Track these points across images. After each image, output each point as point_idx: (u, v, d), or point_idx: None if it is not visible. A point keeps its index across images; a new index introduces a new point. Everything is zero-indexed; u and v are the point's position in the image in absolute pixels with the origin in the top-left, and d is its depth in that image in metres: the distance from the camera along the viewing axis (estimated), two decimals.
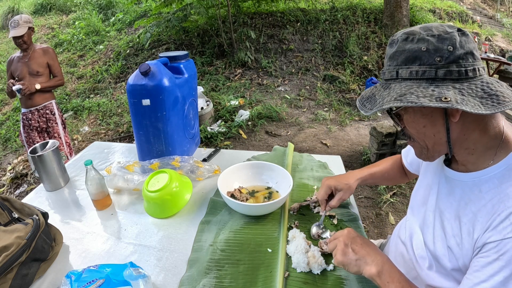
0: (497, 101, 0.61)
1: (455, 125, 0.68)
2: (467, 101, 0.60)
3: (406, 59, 0.67)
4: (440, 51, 0.63)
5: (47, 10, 8.37)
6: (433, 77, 0.64)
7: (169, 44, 5.97)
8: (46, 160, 1.28)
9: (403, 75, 0.67)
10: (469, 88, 0.63)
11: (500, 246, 0.62)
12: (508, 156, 0.68)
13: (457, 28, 0.66)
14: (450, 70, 0.63)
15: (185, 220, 1.15)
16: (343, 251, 0.78)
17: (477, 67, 0.64)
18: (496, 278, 0.61)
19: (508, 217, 0.62)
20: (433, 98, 0.61)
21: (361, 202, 2.77)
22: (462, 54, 0.63)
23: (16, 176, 3.54)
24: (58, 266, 0.97)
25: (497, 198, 0.66)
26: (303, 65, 5.50)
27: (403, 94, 0.64)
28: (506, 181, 0.66)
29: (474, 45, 0.65)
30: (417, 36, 0.66)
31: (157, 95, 1.24)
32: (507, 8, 9.54)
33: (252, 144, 3.77)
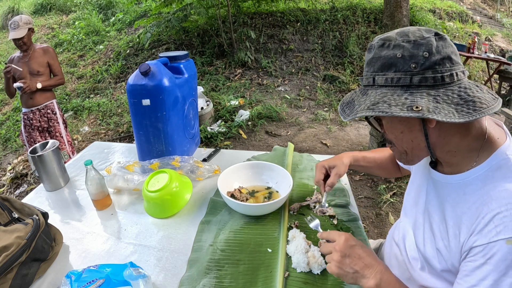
0: (473, 107, 0.60)
1: (433, 130, 0.67)
2: (440, 109, 0.60)
3: (382, 65, 0.66)
4: (415, 58, 0.63)
5: (47, 10, 8.37)
6: (408, 84, 0.63)
7: (169, 44, 5.97)
8: (46, 160, 1.28)
9: (379, 82, 0.66)
10: (445, 94, 0.62)
11: (487, 250, 0.61)
12: (490, 157, 0.67)
13: (434, 32, 0.65)
14: (426, 77, 0.62)
15: (185, 220, 1.15)
16: (339, 263, 0.73)
17: (455, 72, 0.63)
18: (485, 282, 0.61)
19: (492, 220, 0.62)
20: (404, 107, 0.60)
21: (361, 202, 2.77)
22: (438, 60, 0.62)
23: (16, 176, 3.54)
24: (58, 266, 0.97)
25: (480, 200, 0.66)
26: (303, 65, 5.50)
27: (376, 102, 0.64)
28: (489, 183, 0.66)
29: (453, 49, 0.64)
30: (393, 42, 0.65)
31: (157, 95, 1.24)
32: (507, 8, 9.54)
33: (252, 144, 3.77)
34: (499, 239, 0.60)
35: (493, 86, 5.23)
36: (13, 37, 2.53)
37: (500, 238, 0.60)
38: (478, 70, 5.92)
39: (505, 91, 5.30)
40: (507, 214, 0.61)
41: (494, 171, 0.66)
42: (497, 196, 0.63)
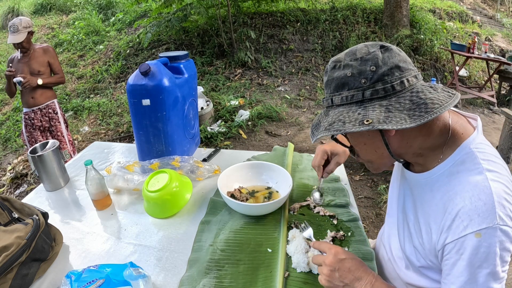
0: (425, 109, 0.62)
1: (394, 138, 0.70)
2: (392, 117, 0.62)
3: (336, 86, 0.69)
4: (363, 73, 0.65)
5: (47, 10, 8.37)
6: (361, 99, 0.66)
7: (169, 44, 5.97)
8: (46, 160, 1.28)
9: (336, 101, 0.70)
10: (397, 102, 0.64)
11: (458, 245, 0.63)
12: (454, 152, 0.68)
13: (379, 45, 0.67)
14: (376, 89, 0.65)
15: (185, 220, 1.15)
16: (328, 277, 0.74)
17: (406, 79, 0.65)
18: (461, 279, 0.62)
19: (458, 215, 0.63)
20: (357, 122, 0.63)
21: (361, 202, 2.77)
22: (386, 71, 0.65)
23: (16, 176, 3.54)
24: (58, 266, 0.97)
25: (446, 196, 0.67)
26: (303, 65, 5.50)
27: (332, 122, 0.67)
28: (454, 178, 0.67)
29: (400, 57, 0.66)
30: (342, 62, 0.69)
31: (157, 95, 1.24)
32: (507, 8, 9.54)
33: (252, 144, 3.77)
34: (467, 233, 0.61)
35: (493, 86, 5.23)
36: (12, 41, 2.52)
37: (468, 233, 0.61)
38: (478, 70, 5.92)
39: (505, 91, 5.30)
40: (471, 207, 0.62)
41: (458, 166, 0.67)
42: (461, 190, 0.65)
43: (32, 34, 2.65)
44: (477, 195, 0.62)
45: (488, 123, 4.47)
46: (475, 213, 0.61)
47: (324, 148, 1.09)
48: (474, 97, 4.90)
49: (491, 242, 0.60)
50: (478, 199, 0.62)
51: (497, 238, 0.60)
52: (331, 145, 1.09)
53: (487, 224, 0.60)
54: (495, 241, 0.60)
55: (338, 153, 1.08)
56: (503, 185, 0.63)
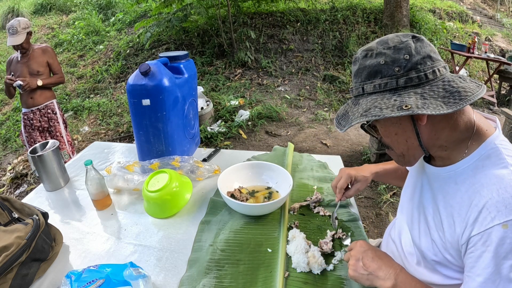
0: (459, 97, 0.63)
1: (424, 128, 0.71)
2: (429, 104, 0.63)
3: (368, 74, 0.70)
4: (397, 61, 0.67)
5: (47, 10, 8.37)
6: (395, 87, 0.67)
7: (169, 44, 5.97)
8: (46, 160, 1.28)
9: (368, 90, 0.70)
10: (431, 90, 0.66)
11: (485, 237, 0.63)
12: (480, 147, 0.70)
13: (411, 35, 0.69)
14: (410, 77, 0.66)
15: (185, 220, 1.15)
16: (354, 266, 0.78)
17: (437, 68, 0.67)
18: (488, 270, 0.62)
19: (485, 207, 0.64)
20: (395, 108, 0.64)
21: (361, 202, 2.77)
22: (419, 60, 0.66)
23: (16, 176, 3.54)
24: (58, 266, 0.97)
25: (472, 189, 0.68)
26: (303, 65, 5.50)
27: (368, 108, 0.68)
28: (480, 172, 0.68)
29: (431, 48, 0.68)
30: (375, 51, 0.70)
31: (157, 95, 1.24)
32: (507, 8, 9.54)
33: (252, 144, 3.77)
34: (494, 224, 0.62)
35: (493, 86, 5.23)
36: (12, 43, 2.52)
37: (495, 224, 0.62)
38: (478, 70, 5.92)
39: (505, 91, 5.30)
40: (499, 199, 0.62)
41: (484, 160, 0.68)
42: (487, 182, 0.65)
43: (31, 34, 2.65)
44: (504, 188, 0.63)
45: None
46: (503, 204, 0.62)
47: (350, 172, 1.08)
48: None
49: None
50: (505, 191, 0.62)
51: None
52: (356, 171, 1.09)
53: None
54: None
55: (361, 181, 1.08)
56: None
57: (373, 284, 0.76)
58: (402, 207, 0.94)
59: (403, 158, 0.78)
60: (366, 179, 1.08)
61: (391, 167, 1.14)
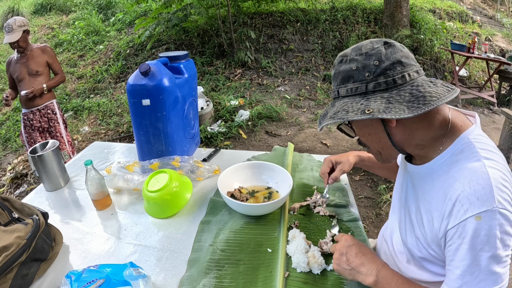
0: (423, 102, 0.66)
1: (396, 129, 0.73)
2: (392, 108, 0.66)
3: (342, 79, 0.74)
4: (367, 67, 0.70)
5: (47, 10, 8.36)
6: (364, 92, 0.71)
7: (169, 44, 5.97)
8: (46, 160, 1.28)
9: (342, 93, 0.75)
10: (398, 94, 0.68)
11: (460, 230, 0.64)
12: (454, 142, 0.72)
13: (383, 42, 0.72)
14: (379, 82, 0.70)
15: (185, 220, 1.15)
16: (337, 260, 0.81)
17: (407, 73, 0.69)
18: (465, 262, 0.64)
19: (457, 200, 0.65)
20: (359, 112, 0.68)
21: (361, 202, 2.77)
22: (388, 65, 0.69)
23: (16, 176, 3.54)
24: (58, 266, 0.97)
25: (446, 183, 0.70)
26: (303, 65, 5.49)
27: (337, 111, 0.72)
28: (454, 166, 0.70)
29: (402, 53, 0.71)
30: (349, 57, 0.74)
31: (157, 95, 1.24)
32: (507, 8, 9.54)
33: (252, 144, 3.77)
34: (467, 217, 0.63)
35: (493, 86, 5.23)
36: (8, 41, 2.52)
37: (468, 216, 0.63)
38: (478, 70, 5.92)
39: (505, 91, 5.30)
40: (470, 192, 0.64)
41: (458, 155, 0.71)
42: (460, 176, 0.67)
43: (28, 33, 2.64)
44: (475, 180, 0.65)
45: (488, 123, 4.47)
46: (474, 196, 0.63)
47: (330, 158, 1.17)
48: (474, 97, 4.90)
49: (491, 225, 0.61)
50: (477, 183, 0.64)
51: (497, 221, 0.61)
52: (336, 156, 1.17)
53: (487, 207, 0.62)
54: (495, 223, 0.61)
55: (342, 161, 1.15)
56: (500, 172, 0.66)
57: (355, 279, 0.78)
58: (393, 207, 0.96)
59: (380, 156, 0.82)
60: (347, 160, 1.15)
61: None
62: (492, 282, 0.62)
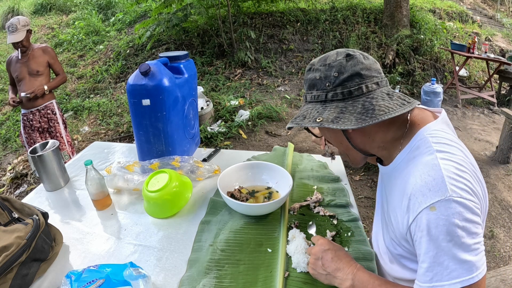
0: (370, 115, 0.69)
1: (355, 133, 0.78)
2: (341, 118, 0.70)
3: (309, 86, 0.79)
4: (328, 78, 0.75)
5: (47, 10, 8.36)
6: (324, 100, 0.76)
7: (169, 44, 5.97)
8: (46, 160, 1.28)
9: (308, 99, 0.80)
10: (352, 105, 0.72)
11: (418, 223, 0.65)
12: (411, 140, 0.74)
13: (345, 54, 0.75)
14: (336, 93, 0.74)
15: (185, 220, 1.15)
16: (313, 265, 0.82)
17: (364, 85, 0.73)
18: (430, 254, 0.63)
19: (412, 193, 0.67)
20: (312, 119, 0.73)
21: (361, 202, 2.77)
22: (346, 77, 0.73)
23: (16, 176, 3.54)
24: (58, 266, 0.97)
25: (404, 180, 0.72)
26: (303, 65, 5.49)
27: (298, 116, 0.78)
28: (411, 163, 0.72)
29: (363, 65, 0.74)
30: (315, 66, 0.78)
31: (157, 95, 1.24)
32: (507, 8, 9.54)
33: (252, 144, 3.77)
34: (422, 209, 0.64)
35: (493, 86, 5.23)
36: (12, 41, 2.52)
37: (423, 208, 0.64)
38: (478, 70, 5.92)
39: (505, 91, 5.30)
40: (422, 184, 0.65)
41: (414, 151, 0.73)
42: (413, 170, 0.70)
43: (31, 33, 2.65)
44: (426, 172, 0.66)
45: (488, 123, 4.47)
46: (426, 188, 0.65)
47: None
48: (474, 97, 4.90)
49: (448, 214, 0.61)
50: (428, 175, 0.66)
51: (454, 210, 0.61)
52: None
53: (440, 197, 0.62)
54: (451, 212, 0.61)
55: None
56: (455, 163, 0.66)
57: (332, 283, 0.79)
58: (376, 209, 0.99)
59: (348, 158, 0.86)
60: None
61: None
62: (466, 271, 0.60)
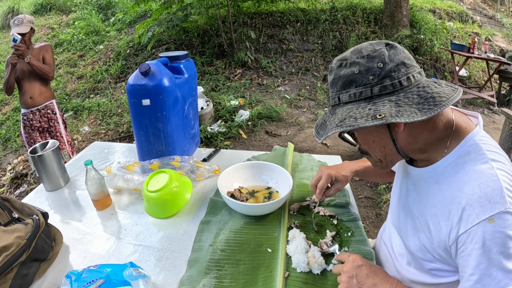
0: (433, 103, 0.64)
1: (402, 134, 0.71)
2: (403, 112, 0.63)
3: (343, 84, 0.70)
4: (371, 70, 0.67)
5: (47, 10, 8.36)
6: (369, 96, 0.68)
7: (169, 44, 5.97)
8: (46, 160, 1.28)
9: (344, 99, 0.70)
10: (406, 97, 0.66)
11: (472, 234, 0.63)
12: (459, 144, 0.70)
13: (385, 43, 0.69)
14: (384, 85, 0.66)
15: (185, 220, 1.15)
16: (347, 284, 0.75)
17: (411, 75, 0.67)
18: (481, 267, 0.62)
19: (468, 203, 0.64)
20: (369, 117, 0.64)
21: (361, 202, 2.77)
22: (393, 67, 0.66)
23: (16, 176, 3.54)
24: (58, 266, 0.97)
25: (454, 186, 0.68)
26: (303, 65, 5.49)
27: (343, 118, 0.68)
28: (460, 169, 0.68)
29: (405, 54, 0.69)
30: (349, 60, 0.70)
31: (157, 95, 1.24)
32: (507, 8, 9.54)
33: (252, 144, 3.77)
34: (480, 220, 0.61)
35: (493, 86, 5.23)
36: (17, 31, 2.51)
37: (481, 220, 0.61)
38: (478, 70, 5.92)
39: (505, 91, 5.30)
40: (481, 195, 0.62)
41: (464, 157, 0.69)
42: (468, 179, 0.65)
43: (33, 32, 2.65)
44: (485, 182, 0.63)
45: (488, 123, 4.47)
46: (485, 199, 0.62)
47: (330, 172, 1.07)
48: (474, 97, 4.90)
49: (504, 226, 0.60)
50: (487, 186, 0.62)
51: (509, 222, 0.60)
52: (336, 171, 1.08)
53: (499, 209, 0.60)
54: (508, 224, 0.60)
55: (341, 180, 1.08)
56: (507, 173, 0.64)
57: None
58: (391, 209, 0.94)
59: (380, 164, 0.79)
60: (346, 179, 1.08)
61: (370, 165, 1.14)
62: (510, 280, 0.60)
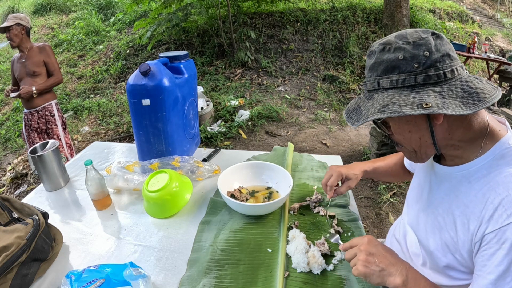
0: (477, 99, 0.63)
1: (440, 127, 0.70)
2: (448, 104, 0.62)
3: (385, 69, 0.68)
4: (417, 58, 0.65)
5: (47, 10, 8.36)
6: (413, 84, 0.66)
7: (169, 44, 5.97)
8: (46, 160, 1.28)
9: (384, 85, 0.68)
10: (449, 89, 0.64)
11: (499, 235, 0.62)
12: (494, 146, 0.69)
13: (431, 32, 0.67)
14: (429, 75, 0.65)
15: (185, 220, 1.15)
16: (365, 261, 0.72)
17: (455, 67, 0.66)
18: (501, 268, 0.61)
19: (501, 204, 0.63)
20: (414, 106, 0.62)
21: (361, 202, 2.77)
22: (438, 57, 0.65)
23: (16, 176, 3.54)
24: (58, 266, 0.97)
25: (487, 186, 0.67)
26: (303, 65, 5.49)
27: (386, 104, 0.66)
28: (494, 170, 0.68)
29: (450, 46, 0.67)
30: (393, 45, 0.68)
31: (157, 95, 1.24)
32: (507, 8, 9.54)
33: (252, 144, 3.77)
34: (510, 221, 0.61)
35: None
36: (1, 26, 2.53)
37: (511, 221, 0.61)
38: (478, 70, 5.92)
39: (505, 91, 5.30)
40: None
41: (498, 160, 0.68)
42: (503, 181, 0.65)
43: (24, 29, 2.60)
44: None
45: None
46: None
47: (340, 170, 1.07)
48: None
49: None
50: None
51: None
52: (346, 169, 1.08)
53: None
54: None
55: (351, 178, 1.07)
56: None
57: (383, 281, 0.70)
58: (408, 207, 0.92)
59: (415, 155, 0.76)
60: (356, 177, 1.08)
61: (381, 165, 1.14)
62: None
